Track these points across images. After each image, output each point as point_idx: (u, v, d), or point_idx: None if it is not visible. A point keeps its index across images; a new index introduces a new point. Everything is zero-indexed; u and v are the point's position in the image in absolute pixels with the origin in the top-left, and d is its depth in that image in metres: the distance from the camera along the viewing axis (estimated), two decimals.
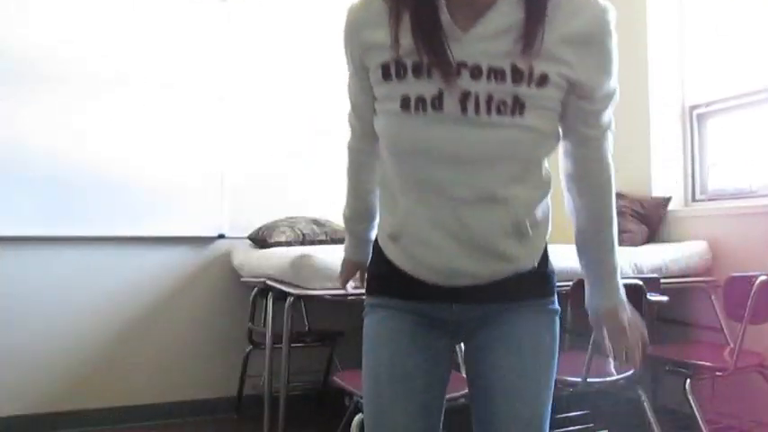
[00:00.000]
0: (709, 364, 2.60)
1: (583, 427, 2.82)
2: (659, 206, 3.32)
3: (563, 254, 1.42)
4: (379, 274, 1.24)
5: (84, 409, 3.22)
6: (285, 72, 3.71)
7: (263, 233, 3.33)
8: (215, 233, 3.53)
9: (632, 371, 2.47)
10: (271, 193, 3.63)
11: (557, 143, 1.15)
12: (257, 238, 3.35)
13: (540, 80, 1.03)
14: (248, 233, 3.43)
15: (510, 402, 1.13)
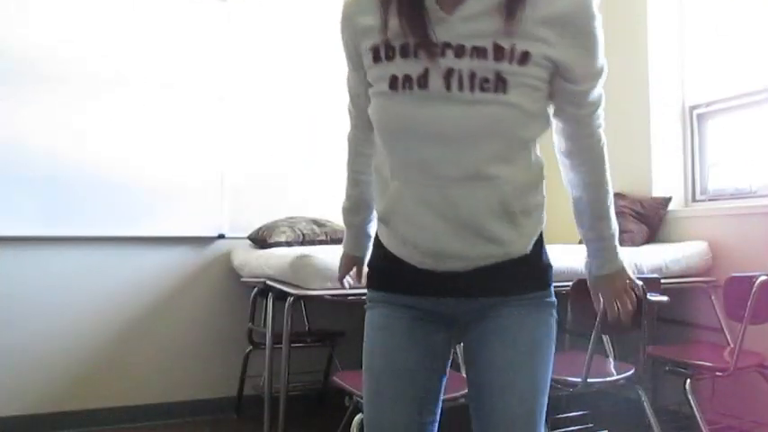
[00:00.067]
0: (709, 364, 2.59)
1: (583, 427, 2.82)
2: (659, 206, 3.32)
3: (563, 254, 1.42)
4: (378, 267, 1.26)
5: (85, 410, 3.22)
6: (285, 72, 3.71)
7: (263, 233, 3.33)
8: (215, 233, 3.53)
9: (632, 371, 2.48)
10: (271, 193, 3.63)
11: (545, 126, 1.17)
12: (257, 239, 3.35)
13: (522, 58, 1.06)
14: (248, 233, 3.44)
15: (506, 398, 1.13)
